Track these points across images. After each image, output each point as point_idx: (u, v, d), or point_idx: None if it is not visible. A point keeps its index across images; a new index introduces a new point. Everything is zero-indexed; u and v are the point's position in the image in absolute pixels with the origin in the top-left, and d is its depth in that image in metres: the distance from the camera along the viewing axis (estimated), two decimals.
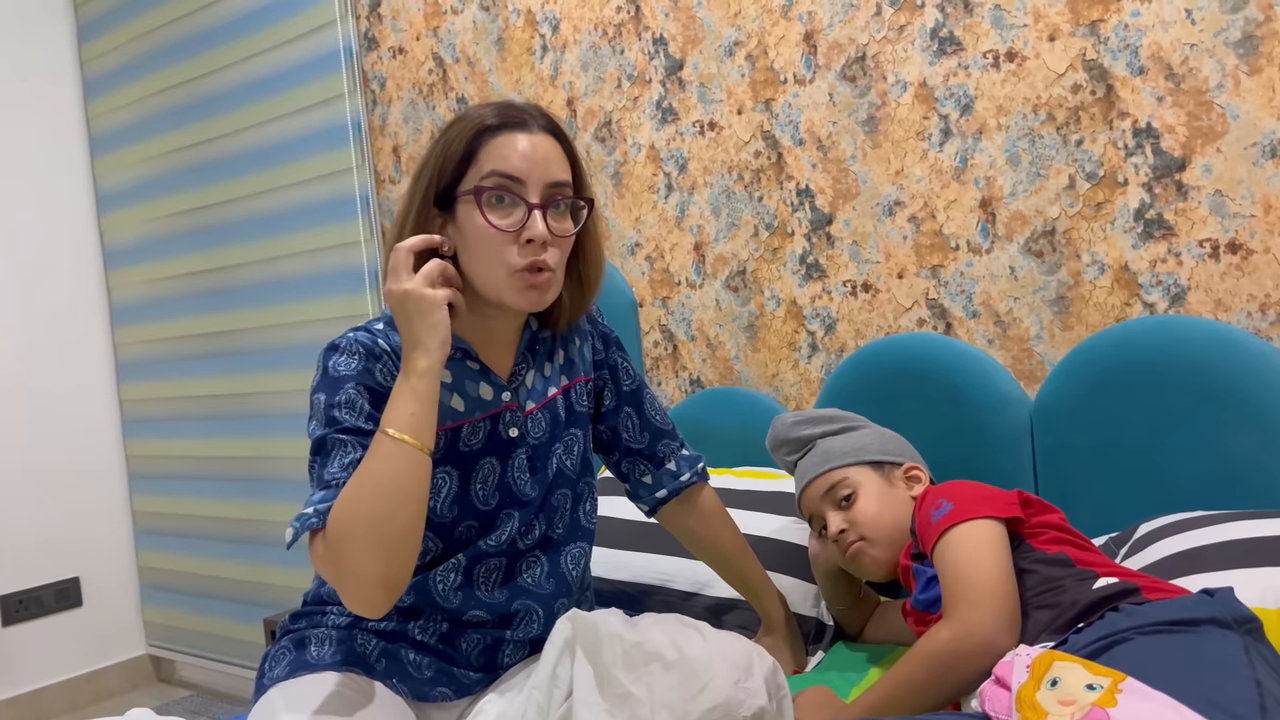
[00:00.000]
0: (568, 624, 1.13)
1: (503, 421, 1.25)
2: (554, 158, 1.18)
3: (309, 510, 1.08)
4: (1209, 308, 1.57)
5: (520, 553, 1.27)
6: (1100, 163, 1.64)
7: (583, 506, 1.35)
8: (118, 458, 3.34)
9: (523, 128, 1.18)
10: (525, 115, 1.19)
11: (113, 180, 3.27)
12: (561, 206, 1.19)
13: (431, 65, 2.54)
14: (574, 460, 1.33)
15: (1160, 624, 0.98)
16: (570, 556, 1.32)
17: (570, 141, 1.23)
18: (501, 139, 1.16)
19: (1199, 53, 1.55)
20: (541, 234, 1.15)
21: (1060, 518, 1.30)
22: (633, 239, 2.22)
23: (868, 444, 1.50)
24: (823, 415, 1.57)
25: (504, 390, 1.25)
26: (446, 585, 1.23)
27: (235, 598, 3.06)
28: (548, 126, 1.20)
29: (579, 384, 1.36)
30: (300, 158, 2.75)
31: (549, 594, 1.28)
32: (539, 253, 1.15)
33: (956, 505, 1.27)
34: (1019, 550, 1.25)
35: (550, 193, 1.17)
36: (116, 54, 3.19)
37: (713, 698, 1.07)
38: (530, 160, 1.16)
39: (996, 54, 1.72)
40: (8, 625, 3.04)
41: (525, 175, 1.15)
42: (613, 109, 2.22)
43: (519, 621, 1.26)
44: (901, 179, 1.84)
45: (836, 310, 1.95)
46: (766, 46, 1.98)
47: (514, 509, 1.25)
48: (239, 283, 2.96)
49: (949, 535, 1.24)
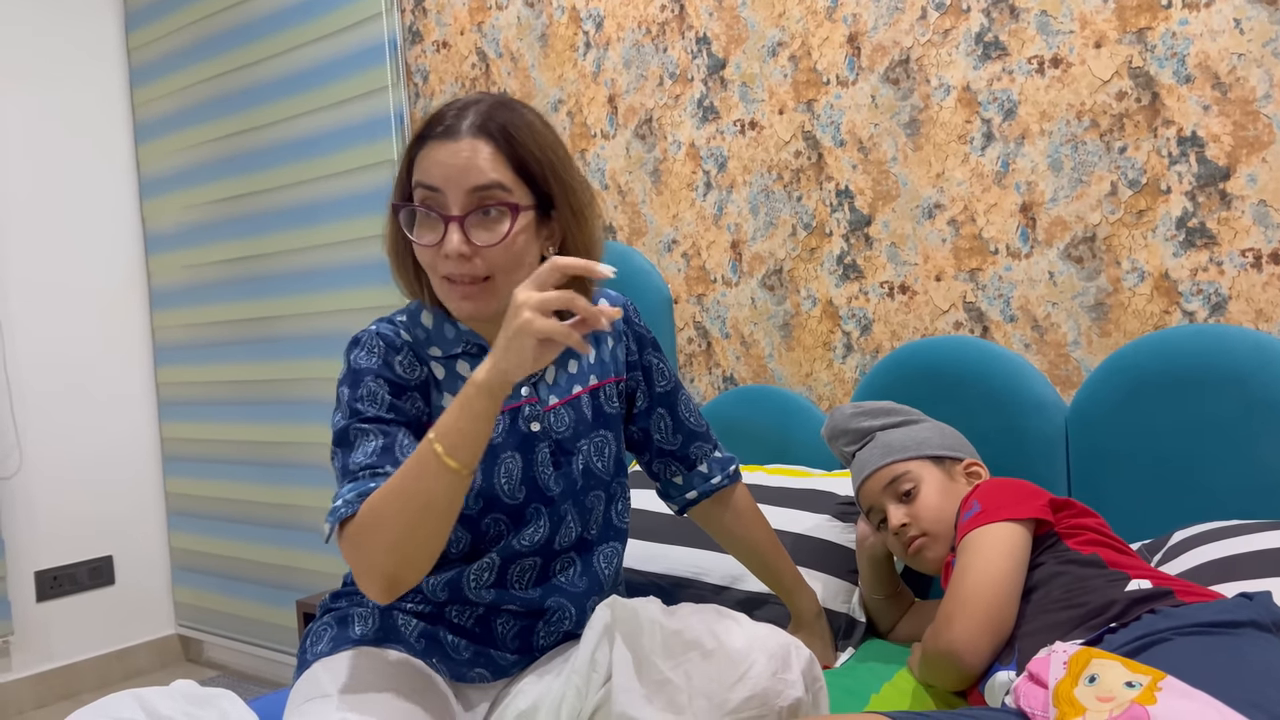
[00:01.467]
0: (607, 610, 1.14)
1: (523, 416, 1.25)
2: (479, 162, 1.13)
3: (338, 502, 1.10)
4: (1250, 318, 1.57)
5: (555, 553, 1.28)
6: (1143, 170, 1.64)
7: (615, 507, 1.35)
8: (153, 440, 3.40)
9: (447, 135, 1.14)
10: (458, 121, 1.14)
11: (156, 167, 3.32)
12: (491, 213, 1.14)
13: (475, 60, 2.56)
14: (605, 462, 1.32)
15: (1200, 625, 0.99)
16: (603, 556, 1.32)
17: (514, 139, 1.15)
18: (428, 150, 1.15)
19: (1247, 62, 1.54)
20: (454, 249, 1.12)
21: (1099, 522, 1.31)
22: (670, 236, 2.24)
23: (929, 438, 1.51)
24: (882, 408, 1.57)
25: (523, 385, 1.25)
26: (480, 583, 1.24)
27: (264, 580, 3.10)
28: (481, 129, 1.14)
29: (609, 384, 1.35)
30: (342, 149, 2.78)
31: (582, 592, 1.29)
32: (461, 266, 1.13)
33: (984, 508, 1.29)
34: (1053, 549, 1.26)
35: (472, 200, 1.13)
36: (163, 42, 3.24)
37: (750, 687, 1.08)
38: (448, 169, 1.12)
39: (1041, 60, 1.73)
40: (42, 601, 3.09)
41: (444, 186, 1.13)
42: (654, 106, 2.24)
43: (552, 616, 1.28)
44: (942, 182, 1.85)
45: (873, 311, 1.95)
46: (810, 48, 1.99)
47: (541, 504, 1.25)
48: (276, 270, 3.00)
49: (968, 539, 1.27)
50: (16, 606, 3.02)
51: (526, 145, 1.16)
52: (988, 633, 1.18)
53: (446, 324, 1.25)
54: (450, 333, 1.25)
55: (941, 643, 1.20)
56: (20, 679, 3.02)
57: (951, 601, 1.22)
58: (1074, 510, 1.31)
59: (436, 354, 1.24)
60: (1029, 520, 1.28)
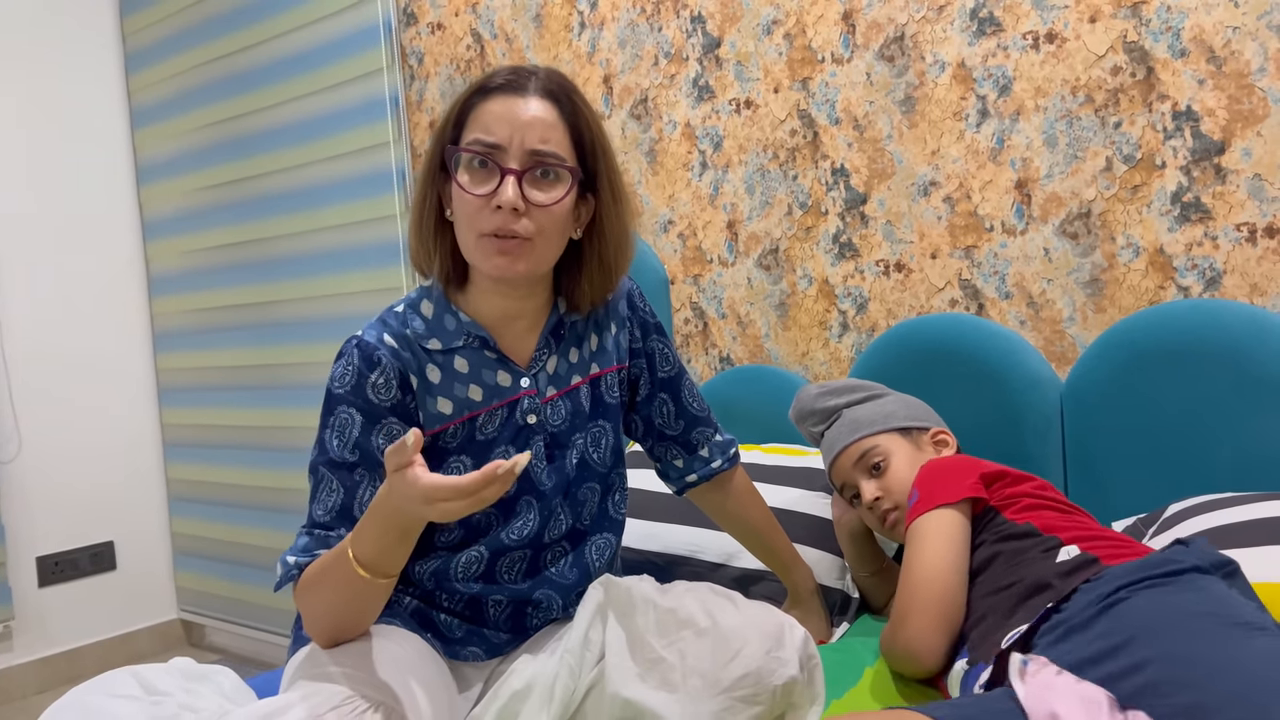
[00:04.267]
0: (600, 589, 1.14)
1: (520, 408, 1.24)
2: (544, 123, 1.14)
3: (290, 560, 1.13)
4: (1245, 292, 1.57)
5: (545, 545, 1.27)
6: (1138, 145, 1.64)
7: (611, 498, 1.34)
8: (153, 426, 3.40)
9: (516, 91, 1.15)
10: (524, 79, 1.16)
11: (152, 152, 3.32)
12: (550, 175, 1.15)
13: (469, 41, 2.55)
14: (602, 453, 1.31)
15: (1150, 578, 1.02)
16: (595, 548, 1.31)
17: (575, 106, 1.18)
18: (491, 102, 1.15)
19: (1241, 35, 1.54)
20: (508, 201, 1.12)
21: (1036, 485, 1.32)
22: (666, 216, 2.23)
23: (895, 411, 1.52)
24: (846, 385, 1.59)
25: (522, 376, 1.24)
26: (467, 575, 1.23)
27: (265, 565, 3.11)
28: (547, 91, 1.16)
29: (610, 373, 1.33)
30: (338, 132, 2.78)
31: (571, 584, 1.28)
32: (507, 220, 1.13)
33: (921, 495, 1.31)
34: (991, 525, 1.28)
35: (533, 160, 1.14)
36: (158, 27, 3.23)
37: (744, 665, 1.08)
38: (512, 125, 1.13)
39: (1036, 35, 1.72)
40: (44, 586, 3.10)
41: (505, 141, 1.13)
42: (649, 86, 2.23)
43: (540, 607, 1.28)
44: (937, 159, 1.84)
45: (869, 290, 1.95)
46: (805, 25, 1.99)
47: (532, 497, 1.25)
48: (275, 255, 3.00)
49: (910, 531, 1.29)
50: (18, 592, 3.03)
51: (584, 117, 1.18)
52: (940, 629, 1.20)
53: (447, 315, 1.23)
54: (450, 324, 1.23)
55: (899, 643, 1.22)
56: (22, 664, 3.04)
57: (903, 599, 1.24)
58: (1009, 479, 1.33)
59: (436, 347, 1.21)
60: (964, 502, 1.29)
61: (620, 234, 1.25)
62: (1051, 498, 1.30)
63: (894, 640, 1.23)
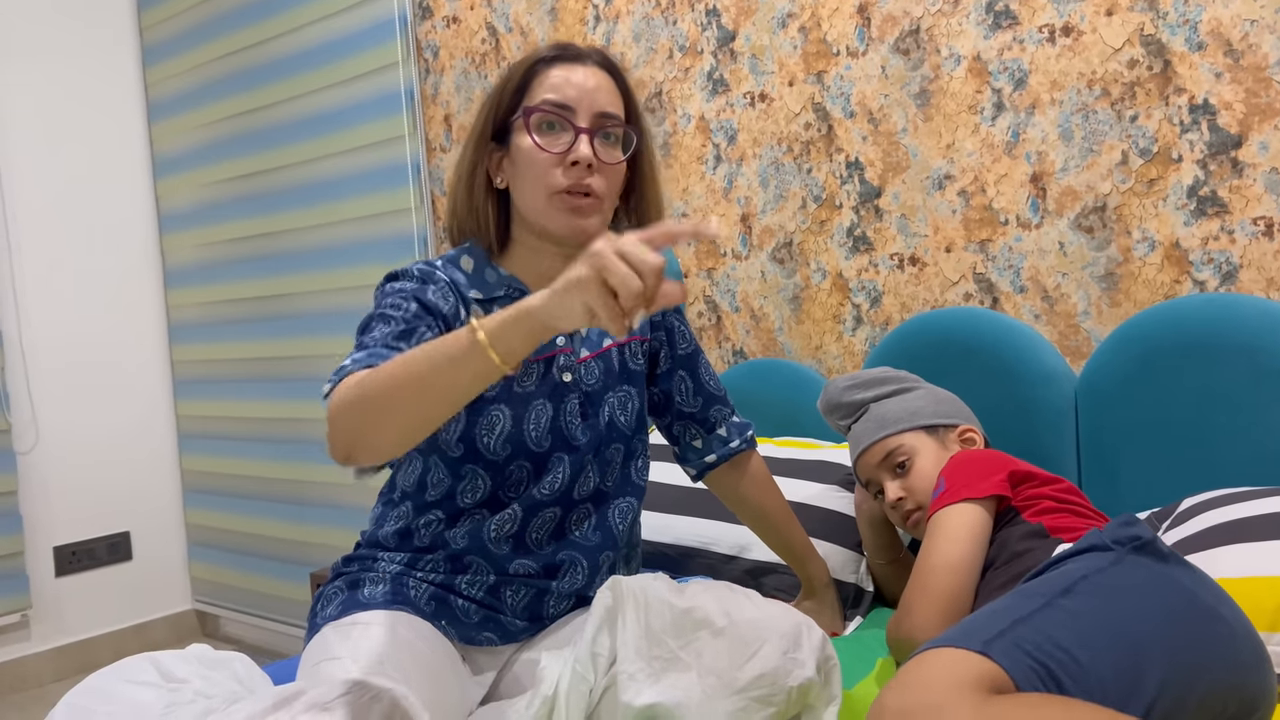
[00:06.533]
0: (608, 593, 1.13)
1: (557, 365, 1.27)
2: (606, 89, 1.22)
3: (346, 363, 1.05)
4: (1261, 286, 1.56)
5: (573, 503, 1.29)
6: (1154, 139, 1.63)
7: (634, 462, 1.37)
8: (168, 417, 3.42)
9: (577, 60, 1.22)
10: (580, 51, 1.24)
11: (169, 146, 3.34)
12: (611, 138, 1.23)
13: (484, 35, 2.56)
14: (628, 416, 1.34)
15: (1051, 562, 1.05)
16: (618, 510, 1.33)
17: (625, 79, 1.26)
18: (555, 70, 1.22)
19: (1259, 29, 1.53)
20: (586, 156, 1.18)
21: (1059, 489, 1.32)
22: (680, 209, 2.24)
23: (922, 407, 1.51)
24: (875, 377, 1.57)
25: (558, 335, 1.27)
26: (500, 534, 1.25)
27: (279, 556, 3.13)
28: (602, 62, 1.24)
29: (635, 342, 1.38)
30: (353, 125, 2.79)
31: (594, 546, 1.30)
32: (583, 175, 1.19)
33: (948, 487, 1.31)
34: (1010, 524, 1.29)
35: (600, 122, 1.20)
36: (175, 21, 3.25)
37: (761, 666, 1.08)
38: (581, 89, 1.20)
39: (1052, 28, 1.71)
40: (60, 576, 3.13)
41: (575, 103, 1.19)
42: (664, 79, 2.23)
43: (564, 573, 1.28)
44: (952, 153, 1.84)
45: (882, 283, 1.95)
46: (820, 19, 1.98)
47: (565, 453, 1.27)
48: (290, 248, 3.01)
49: (932, 521, 1.29)
50: (35, 581, 3.06)
51: (632, 91, 1.27)
52: (945, 623, 1.20)
53: (488, 269, 1.27)
54: (491, 277, 1.27)
55: (903, 632, 1.23)
56: (40, 653, 3.06)
57: (912, 588, 1.24)
58: (1036, 480, 1.32)
59: (476, 296, 1.25)
60: (989, 498, 1.29)
61: (657, 204, 1.32)
62: (1074, 502, 1.30)
63: (898, 629, 1.24)
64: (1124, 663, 0.88)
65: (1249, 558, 1.20)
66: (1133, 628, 0.92)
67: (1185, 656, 0.91)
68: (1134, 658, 0.89)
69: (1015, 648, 0.88)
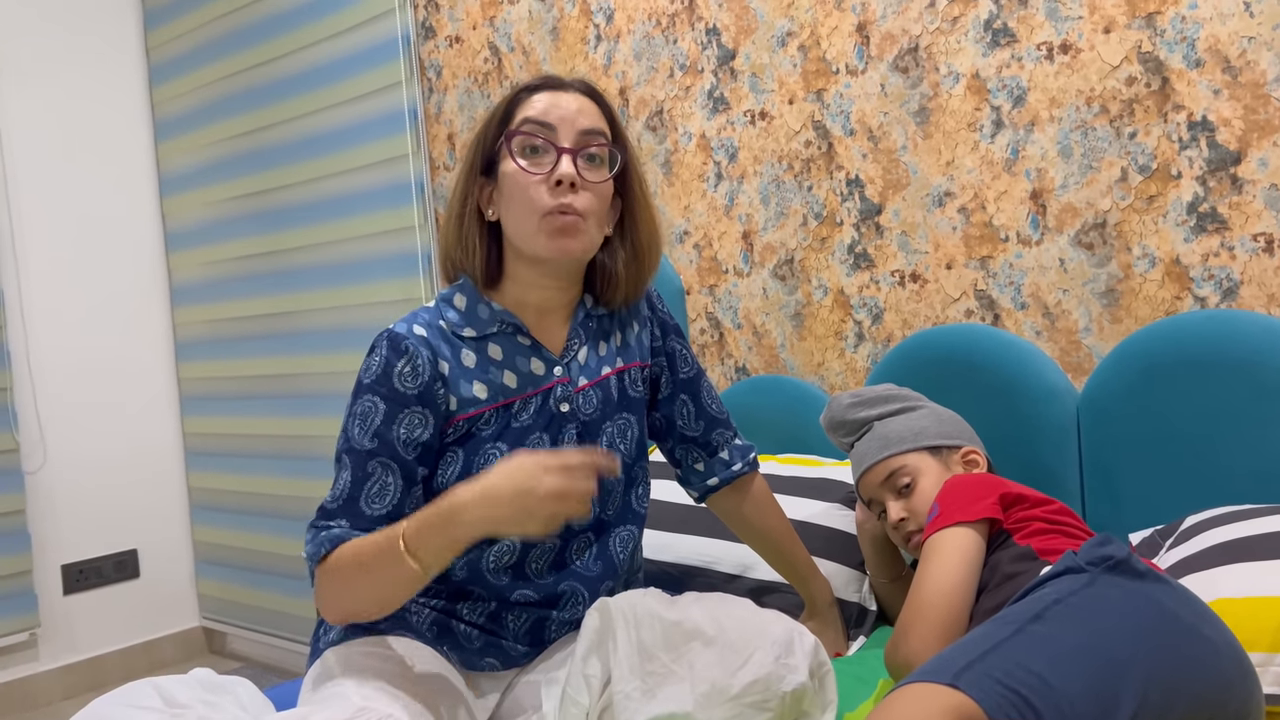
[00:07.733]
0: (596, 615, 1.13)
1: (554, 396, 1.27)
2: (588, 111, 1.24)
3: (309, 548, 1.16)
4: (1262, 302, 1.56)
5: (573, 533, 1.28)
6: (1153, 155, 1.63)
7: (635, 490, 1.36)
8: (175, 434, 3.44)
9: (559, 88, 1.25)
10: (563, 80, 1.26)
11: (175, 164, 3.36)
12: (596, 159, 1.24)
13: (487, 54, 2.57)
14: (628, 445, 1.34)
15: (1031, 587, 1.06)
16: (619, 539, 1.33)
17: (608, 105, 1.28)
18: (538, 96, 1.24)
19: (1257, 45, 1.53)
20: (569, 174, 1.19)
21: (1051, 510, 1.32)
22: (681, 227, 2.24)
23: (926, 427, 1.50)
24: (879, 395, 1.57)
25: (555, 365, 1.27)
26: (499, 565, 1.25)
27: (286, 573, 3.13)
28: (584, 89, 1.27)
29: (634, 369, 1.36)
30: (357, 144, 2.80)
31: (595, 576, 1.30)
32: (567, 194, 1.19)
33: (941, 510, 1.31)
34: (1002, 547, 1.29)
35: (583, 140, 1.22)
36: (181, 41, 3.28)
37: (754, 672, 1.09)
38: (563, 110, 1.22)
39: (1050, 46, 1.72)
40: (68, 594, 3.14)
41: (557, 123, 1.21)
42: (664, 98, 2.24)
43: (565, 603, 1.28)
44: (952, 170, 1.84)
45: (884, 300, 1.95)
46: (819, 37, 1.99)
47: None
48: (295, 266, 3.03)
49: (926, 545, 1.29)
50: (43, 599, 3.07)
51: (615, 117, 1.29)
52: (941, 646, 1.18)
53: (480, 305, 1.27)
54: (484, 313, 1.27)
55: (900, 657, 1.22)
56: (48, 671, 3.07)
57: (908, 613, 1.24)
58: (1028, 503, 1.32)
59: (470, 334, 1.25)
60: (981, 521, 1.29)
61: (650, 228, 1.32)
62: (1064, 523, 1.30)
63: (895, 653, 1.24)
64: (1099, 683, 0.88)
65: (1251, 578, 1.20)
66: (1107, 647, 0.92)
67: (1163, 674, 0.91)
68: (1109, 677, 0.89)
69: (985, 677, 0.88)
